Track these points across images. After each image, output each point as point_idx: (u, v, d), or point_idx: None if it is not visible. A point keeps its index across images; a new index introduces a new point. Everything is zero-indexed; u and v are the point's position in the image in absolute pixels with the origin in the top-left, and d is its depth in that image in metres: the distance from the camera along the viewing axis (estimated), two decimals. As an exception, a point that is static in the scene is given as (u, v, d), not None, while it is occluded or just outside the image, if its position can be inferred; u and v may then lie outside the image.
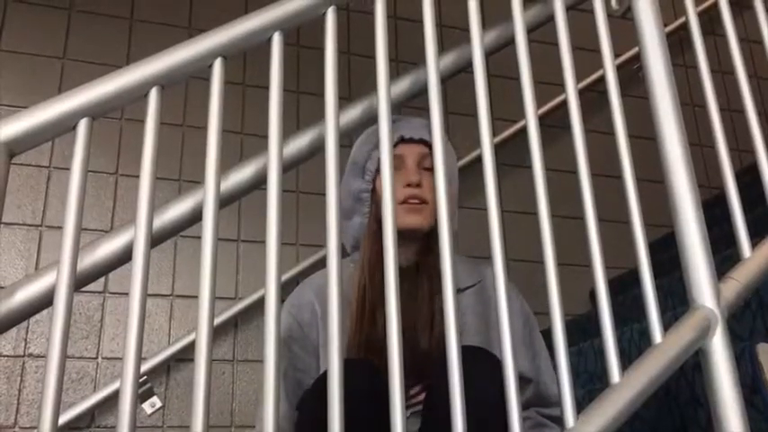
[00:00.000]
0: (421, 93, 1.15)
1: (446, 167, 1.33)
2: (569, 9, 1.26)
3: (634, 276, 1.05)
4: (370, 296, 1.30)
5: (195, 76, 0.99)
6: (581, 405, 0.92)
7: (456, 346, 0.88)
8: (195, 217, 0.98)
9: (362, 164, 1.39)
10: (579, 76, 1.99)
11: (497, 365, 0.95)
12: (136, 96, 0.94)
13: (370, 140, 1.39)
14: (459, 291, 1.34)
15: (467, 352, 0.90)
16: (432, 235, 1.27)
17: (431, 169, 1.34)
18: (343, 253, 1.43)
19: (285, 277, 2.49)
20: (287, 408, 1.32)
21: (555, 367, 0.96)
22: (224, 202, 0.99)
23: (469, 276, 1.41)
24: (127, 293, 0.85)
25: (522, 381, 1.34)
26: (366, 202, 1.37)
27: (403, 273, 1.27)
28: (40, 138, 0.89)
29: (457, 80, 1.29)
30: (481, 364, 1.10)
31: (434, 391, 1.16)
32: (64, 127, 0.90)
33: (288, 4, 1.03)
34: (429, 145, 1.34)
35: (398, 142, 1.36)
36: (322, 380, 1.04)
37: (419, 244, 1.35)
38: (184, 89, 2.66)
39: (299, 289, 1.43)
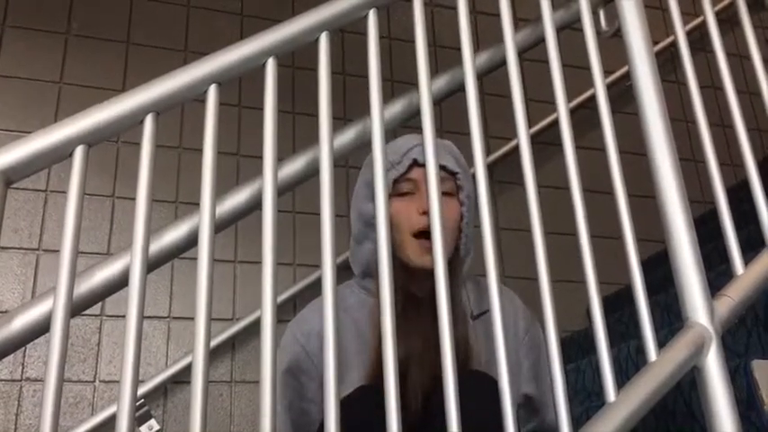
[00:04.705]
0: (414, 115, 1.16)
1: (465, 192, 1.33)
2: (560, 30, 1.28)
3: (631, 292, 1.06)
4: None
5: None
6: (579, 422, 0.92)
7: (453, 374, 0.89)
8: (191, 242, 0.99)
9: (374, 186, 1.35)
10: (572, 94, 2.01)
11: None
12: (131, 123, 0.96)
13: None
14: (472, 318, 1.32)
15: (470, 377, 0.90)
16: (450, 262, 1.20)
17: (448, 194, 1.27)
18: (349, 275, 1.41)
19: (282, 298, 2.49)
20: None
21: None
22: (220, 226, 1.00)
23: (480, 303, 1.35)
24: (124, 316, 0.85)
25: (528, 408, 1.33)
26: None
27: (420, 302, 1.25)
28: (37, 166, 0.90)
29: (451, 98, 1.30)
30: (483, 389, 1.09)
31: (433, 410, 1.15)
32: (60, 155, 0.91)
33: (281, 30, 1.05)
34: (446, 169, 1.28)
35: (413, 165, 1.28)
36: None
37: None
38: (180, 111, 2.67)
39: (306, 314, 1.36)
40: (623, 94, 2.86)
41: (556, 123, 1.14)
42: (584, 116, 2.71)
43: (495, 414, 0.93)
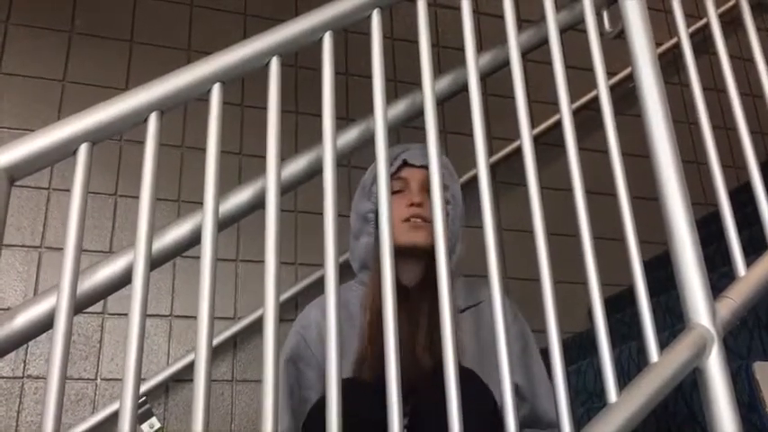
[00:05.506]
0: (417, 115, 1.16)
1: (450, 191, 1.37)
2: (563, 31, 1.28)
3: (633, 293, 1.06)
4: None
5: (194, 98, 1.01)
6: (580, 423, 0.92)
7: (453, 366, 0.89)
8: (194, 240, 0.99)
9: (369, 186, 1.42)
10: (576, 95, 2.01)
11: (485, 391, 0.95)
12: (135, 122, 0.96)
13: None
14: (458, 311, 1.35)
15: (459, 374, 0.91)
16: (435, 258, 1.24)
17: None
18: (351, 274, 1.45)
19: (284, 297, 2.49)
20: (292, 425, 1.34)
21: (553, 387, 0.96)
22: (223, 224, 1.00)
23: (468, 297, 1.42)
24: (126, 314, 0.86)
25: (517, 399, 1.34)
26: (372, 222, 1.40)
27: (407, 292, 1.32)
28: (41, 163, 0.90)
29: (454, 99, 1.30)
30: (470, 388, 1.10)
31: (421, 408, 1.16)
32: (64, 152, 0.91)
33: (285, 30, 1.05)
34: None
35: (403, 166, 1.41)
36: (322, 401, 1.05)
37: (423, 263, 1.36)
38: (183, 110, 2.67)
39: (307, 309, 1.46)
40: (626, 95, 2.85)
41: (559, 124, 1.14)
42: (587, 117, 2.71)
43: (480, 413, 0.94)
